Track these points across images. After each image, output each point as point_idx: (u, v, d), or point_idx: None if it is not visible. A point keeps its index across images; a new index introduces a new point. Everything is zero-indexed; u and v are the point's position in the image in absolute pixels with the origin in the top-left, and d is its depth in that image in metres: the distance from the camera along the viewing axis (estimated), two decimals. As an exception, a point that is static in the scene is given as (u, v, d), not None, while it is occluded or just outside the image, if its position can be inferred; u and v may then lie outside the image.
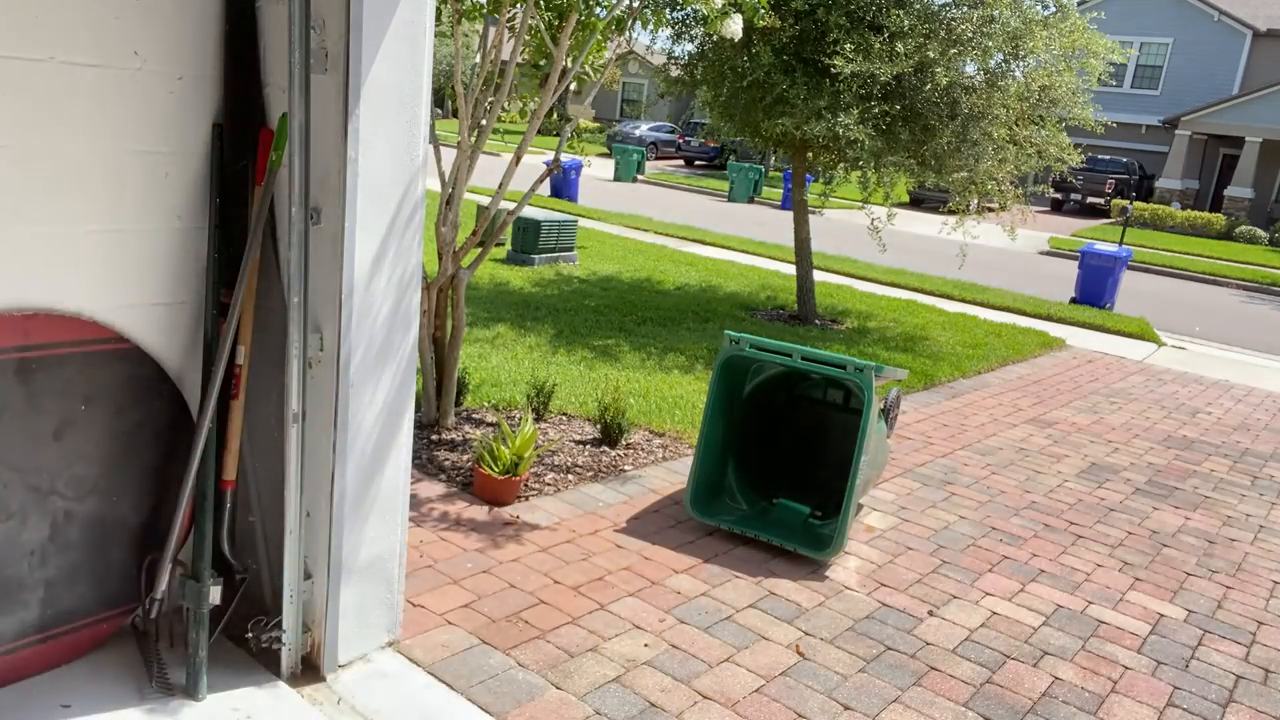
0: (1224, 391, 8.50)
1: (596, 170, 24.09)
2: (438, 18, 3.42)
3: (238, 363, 2.68)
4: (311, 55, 2.44)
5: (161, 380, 2.71)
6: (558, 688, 2.92)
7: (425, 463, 4.52)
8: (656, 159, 33.00)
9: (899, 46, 7.22)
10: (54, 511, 2.53)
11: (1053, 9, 7.92)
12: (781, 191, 22.04)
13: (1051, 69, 7.88)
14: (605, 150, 30.93)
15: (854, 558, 4.12)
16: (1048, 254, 18.64)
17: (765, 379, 4.41)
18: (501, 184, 4.74)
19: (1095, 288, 11.99)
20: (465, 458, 4.63)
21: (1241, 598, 4.18)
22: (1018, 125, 8.07)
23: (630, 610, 3.44)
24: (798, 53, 7.79)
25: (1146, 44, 31.04)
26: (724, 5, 4.54)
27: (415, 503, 4.08)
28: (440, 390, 4.96)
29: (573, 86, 4.85)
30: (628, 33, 4.84)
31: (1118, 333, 10.71)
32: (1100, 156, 28.17)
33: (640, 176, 26.31)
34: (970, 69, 7.90)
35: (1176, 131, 28.65)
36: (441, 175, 4.73)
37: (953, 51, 7.45)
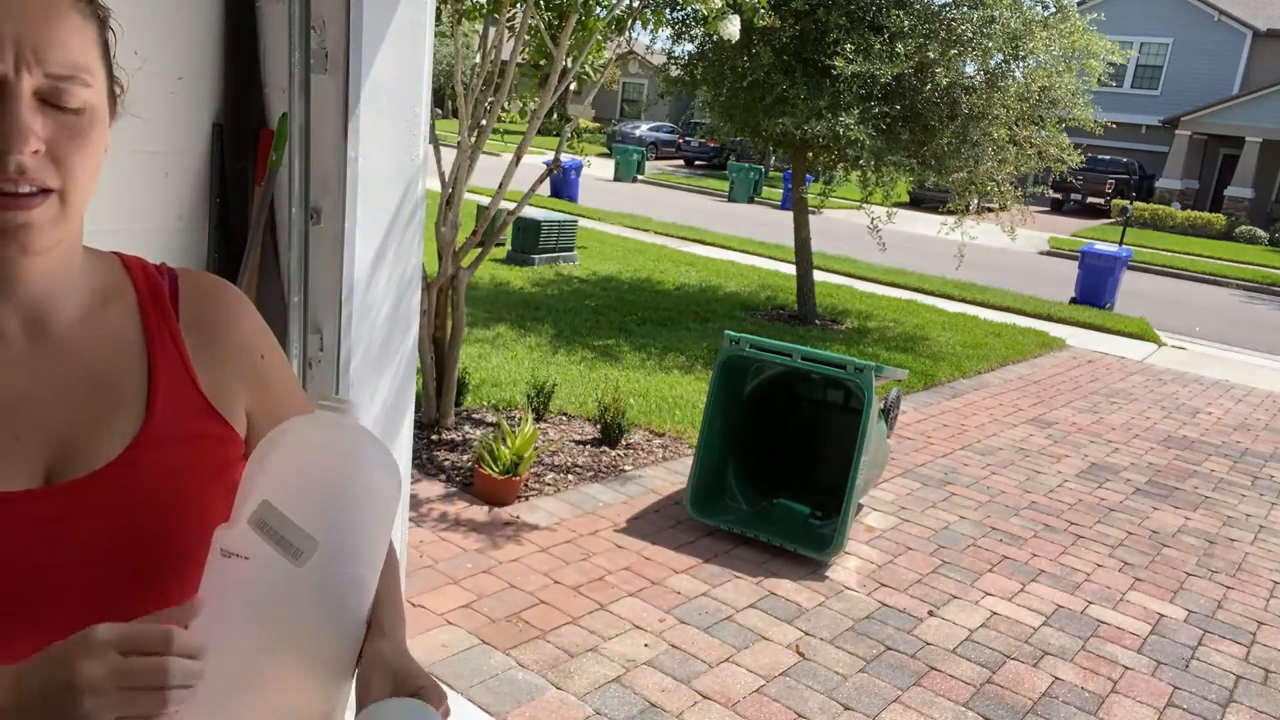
0: (1224, 391, 8.50)
1: (596, 170, 24.10)
2: (438, 18, 3.42)
3: (238, 363, 2.67)
4: (311, 55, 2.45)
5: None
6: (558, 688, 2.92)
7: (425, 463, 4.52)
8: (656, 159, 32.95)
9: (899, 47, 7.22)
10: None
11: (1053, 9, 7.92)
12: (781, 191, 22.02)
13: (1051, 69, 7.88)
14: (605, 150, 30.91)
15: (854, 558, 4.12)
16: (1048, 254, 18.62)
17: (765, 379, 4.42)
18: (501, 184, 4.74)
19: (1095, 288, 11.98)
20: (465, 458, 4.63)
21: (1241, 598, 4.18)
22: (1018, 126, 8.07)
23: (630, 610, 3.44)
24: (798, 53, 7.80)
25: (1146, 44, 31.01)
26: (722, 6, 4.54)
27: (415, 503, 4.08)
28: (440, 390, 4.96)
29: (573, 86, 4.85)
30: (627, 33, 4.85)
31: (1118, 333, 10.70)
32: (1100, 156, 28.12)
33: (640, 176, 26.29)
34: (970, 69, 7.90)
35: (1176, 131, 28.64)
36: (441, 175, 4.73)
37: (953, 52, 7.45)
